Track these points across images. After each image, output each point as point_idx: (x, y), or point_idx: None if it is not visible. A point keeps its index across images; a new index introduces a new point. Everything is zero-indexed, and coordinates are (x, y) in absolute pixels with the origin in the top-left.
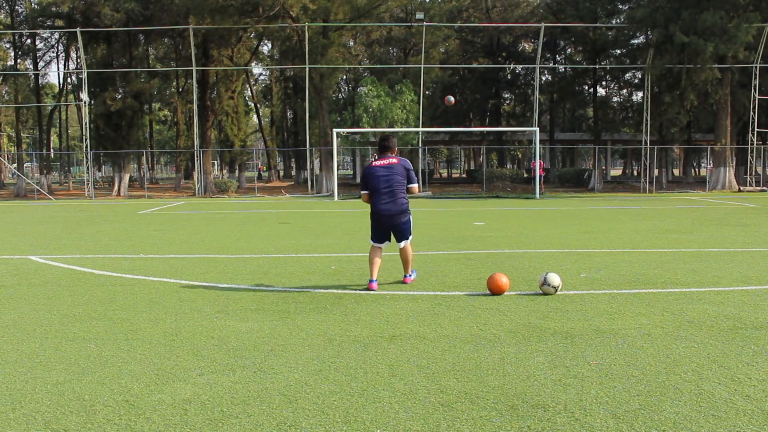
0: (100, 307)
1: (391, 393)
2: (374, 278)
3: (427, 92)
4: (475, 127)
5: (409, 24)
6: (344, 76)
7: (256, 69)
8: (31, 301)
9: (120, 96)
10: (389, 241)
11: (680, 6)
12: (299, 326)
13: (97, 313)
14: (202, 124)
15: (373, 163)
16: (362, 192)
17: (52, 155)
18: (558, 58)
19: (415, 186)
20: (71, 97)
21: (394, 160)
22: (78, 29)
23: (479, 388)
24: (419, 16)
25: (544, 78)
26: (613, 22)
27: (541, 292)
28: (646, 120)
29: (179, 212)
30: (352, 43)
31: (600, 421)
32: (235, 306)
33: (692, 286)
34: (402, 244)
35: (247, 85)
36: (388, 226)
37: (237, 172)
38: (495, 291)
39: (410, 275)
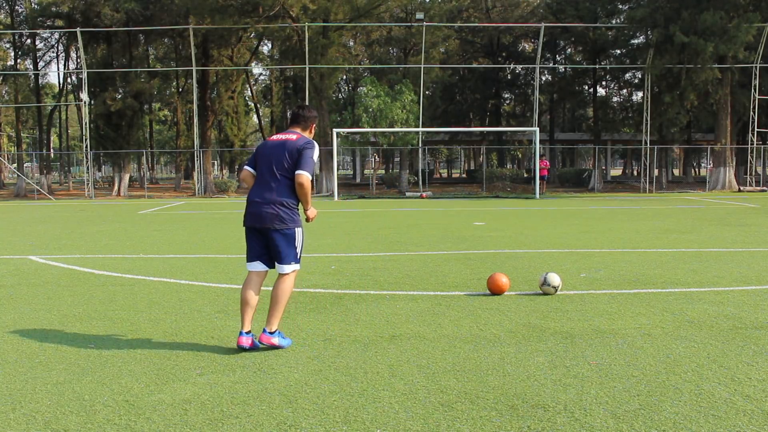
0: (100, 307)
1: (391, 393)
2: (245, 329)
3: (427, 92)
4: (475, 127)
5: (409, 24)
6: (344, 76)
7: (256, 69)
8: (31, 301)
9: (120, 96)
10: (267, 265)
11: (680, 6)
12: (299, 326)
13: (97, 313)
14: (202, 124)
15: (270, 137)
16: (245, 167)
17: (52, 155)
18: (558, 58)
19: (302, 174)
20: (71, 97)
21: (293, 137)
22: (78, 29)
23: (479, 388)
24: (419, 16)
25: (544, 78)
26: (613, 22)
27: (541, 292)
28: (646, 120)
29: (179, 212)
30: (352, 43)
31: (600, 421)
32: (235, 306)
33: (692, 286)
34: (282, 269)
35: (247, 85)
36: (258, 228)
37: (237, 172)
38: (495, 291)
39: (274, 334)
